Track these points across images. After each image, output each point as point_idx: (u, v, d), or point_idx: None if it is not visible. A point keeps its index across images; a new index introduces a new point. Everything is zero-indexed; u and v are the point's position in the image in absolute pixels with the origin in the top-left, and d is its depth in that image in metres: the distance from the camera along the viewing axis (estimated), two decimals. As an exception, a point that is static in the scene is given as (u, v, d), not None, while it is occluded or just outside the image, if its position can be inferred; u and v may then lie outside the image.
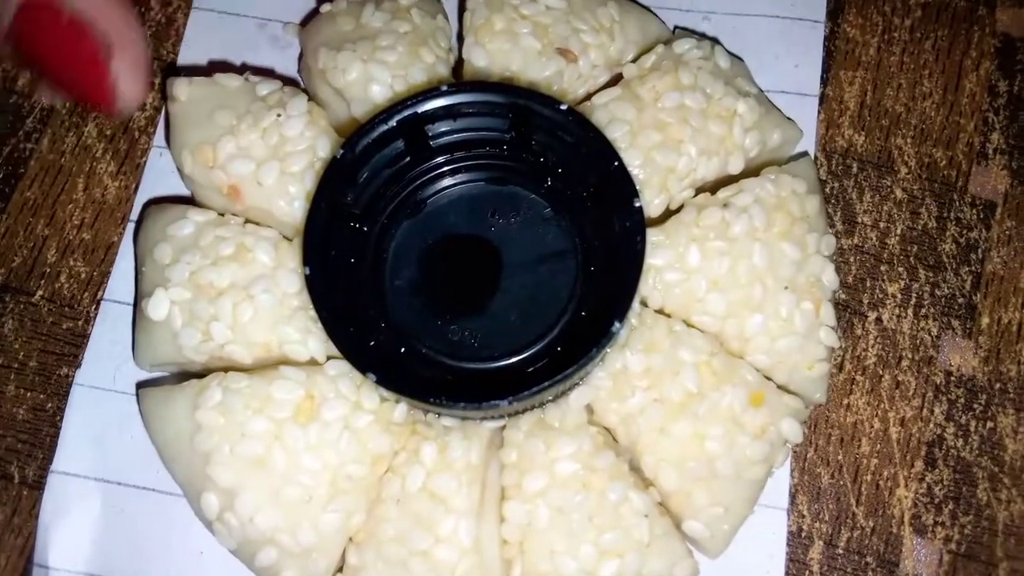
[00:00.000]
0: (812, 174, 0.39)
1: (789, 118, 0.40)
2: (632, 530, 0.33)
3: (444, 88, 0.35)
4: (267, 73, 0.42)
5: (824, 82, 0.43)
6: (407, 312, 0.35)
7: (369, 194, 0.36)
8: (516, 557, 0.33)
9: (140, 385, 0.38)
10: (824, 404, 0.38)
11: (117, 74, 0.33)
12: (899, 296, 0.40)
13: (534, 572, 0.33)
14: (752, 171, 0.38)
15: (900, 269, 0.41)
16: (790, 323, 0.35)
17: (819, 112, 0.42)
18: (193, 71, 0.41)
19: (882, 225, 0.41)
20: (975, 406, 0.39)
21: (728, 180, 0.38)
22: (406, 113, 0.34)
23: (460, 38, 0.41)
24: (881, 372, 0.39)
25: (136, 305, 0.37)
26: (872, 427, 0.39)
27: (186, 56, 0.43)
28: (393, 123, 0.35)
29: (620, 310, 0.32)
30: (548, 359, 0.34)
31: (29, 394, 0.39)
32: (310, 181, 0.36)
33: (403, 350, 0.35)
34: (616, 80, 0.39)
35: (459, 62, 0.40)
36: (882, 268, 0.41)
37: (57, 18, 0.32)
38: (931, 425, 0.39)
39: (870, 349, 0.40)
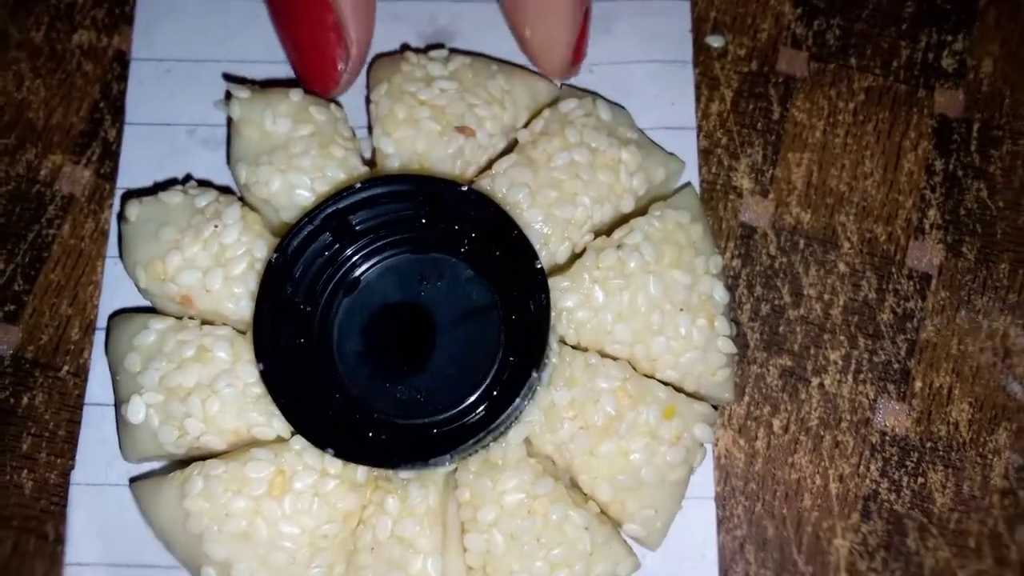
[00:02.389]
0: (694, 203, 0.44)
1: (671, 153, 0.45)
2: (576, 543, 0.38)
3: (359, 186, 0.39)
4: (205, 183, 0.46)
5: (774, 163, 0.47)
6: (358, 380, 0.40)
7: (307, 282, 0.40)
8: None
9: (132, 480, 0.42)
10: (734, 402, 0.44)
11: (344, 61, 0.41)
12: (840, 363, 0.44)
13: None
14: (644, 207, 0.43)
15: (842, 337, 0.45)
16: (689, 339, 0.40)
17: (769, 193, 0.46)
18: (142, 192, 0.45)
19: (826, 297, 0.45)
20: (907, 463, 0.43)
21: (624, 218, 0.42)
22: (328, 211, 0.39)
23: (370, 127, 0.45)
24: (823, 433, 0.44)
25: (116, 407, 0.42)
26: (814, 483, 0.43)
27: (126, 168, 0.47)
28: (318, 222, 0.39)
29: (535, 361, 0.37)
30: (487, 403, 0.39)
31: (59, 460, 0.44)
32: (252, 281, 0.40)
33: (357, 416, 0.39)
34: (513, 144, 0.44)
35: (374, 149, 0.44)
36: (825, 337, 0.45)
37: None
38: (867, 481, 0.43)
39: (813, 412, 0.44)
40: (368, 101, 0.45)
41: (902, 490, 0.43)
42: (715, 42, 0.48)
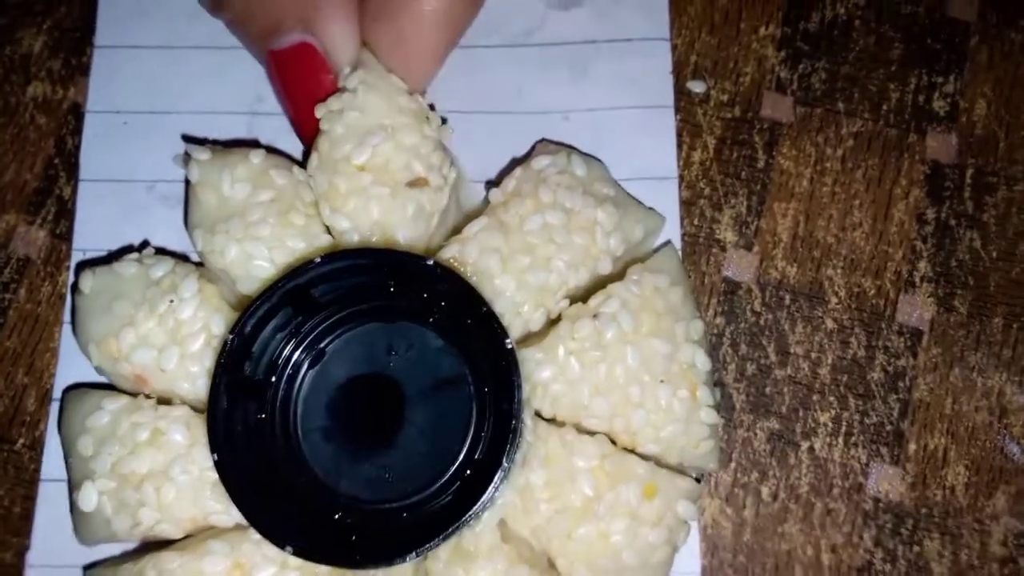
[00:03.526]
0: (674, 264, 0.41)
1: (650, 208, 0.43)
2: None
3: (318, 260, 0.37)
4: (162, 250, 0.44)
5: (759, 214, 0.45)
6: (322, 459, 0.38)
7: (268, 358, 0.38)
8: None
9: (86, 568, 0.40)
10: (719, 471, 0.42)
11: None
12: (830, 425, 0.43)
13: None
14: (622, 268, 0.41)
15: (831, 398, 0.43)
16: (671, 412, 0.38)
17: (754, 246, 0.44)
18: (97, 260, 0.43)
19: (813, 355, 0.43)
20: (902, 531, 0.41)
21: (602, 280, 0.40)
22: (288, 287, 0.37)
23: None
24: (813, 500, 0.42)
25: (69, 490, 0.39)
26: (805, 554, 0.41)
27: (83, 228, 0.45)
28: (275, 299, 0.37)
29: (508, 450, 0.36)
30: (459, 485, 0.37)
31: (15, 539, 0.42)
32: (208, 359, 0.38)
33: (321, 501, 0.37)
34: (485, 203, 0.42)
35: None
36: (814, 398, 0.43)
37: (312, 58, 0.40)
38: (860, 551, 0.41)
39: (803, 478, 0.42)
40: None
41: (897, 560, 0.41)
42: (697, 87, 0.46)
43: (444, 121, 0.42)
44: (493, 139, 0.45)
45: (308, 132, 0.42)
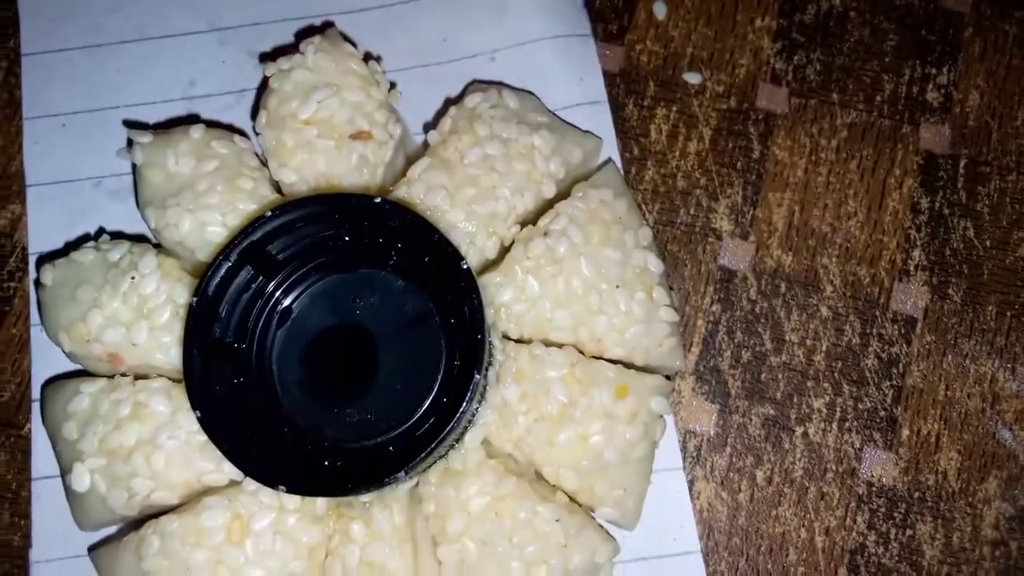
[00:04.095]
0: (616, 178, 0.43)
1: (587, 131, 0.44)
2: (548, 537, 0.37)
3: (270, 214, 0.38)
4: (118, 235, 0.44)
5: (755, 204, 0.46)
6: (305, 411, 0.39)
7: (236, 320, 0.39)
8: None
9: (90, 548, 0.41)
10: (682, 371, 0.43)
11: None
12: (824, 411, 0.43)
13: None
14: (567, 189, 0.42)
15: (825, 385, 0.43)
16: (631, 314, 0.40)
17: (750, 235, 0.45)
18: (54, 254, 0.44)
19: (808, 342, 0.44)
20: (895, 515, 0.42)
21: (548, 203, 0.42)
22: (243, 245, 0.38)
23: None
24: (807, 484, 0.42)
25: (62, 477, 0.40)
26: (799, 537, 0.42)
27: (37, 234, 0.45)
28: (234, 258, 0.38)
29: (477, 363, 0.36)
30: (438, 412, 0.37)
31: (23, 522, 0.43)
32: (178, 328, 0.39)
33: (309, 447, 0.38)
34: (424, 146, 0.43)
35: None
36: (808, 384, 0.43)
37: None
38: (854, 534, 0.42)
39: (797, 462, 0.43)
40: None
41: (890, 543, 0.42)
42: (692, 79, 0.47)
43: (393, 86, 0.44)
44: (428, 91, 0.47)
45: None
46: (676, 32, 0.48)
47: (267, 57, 0.47)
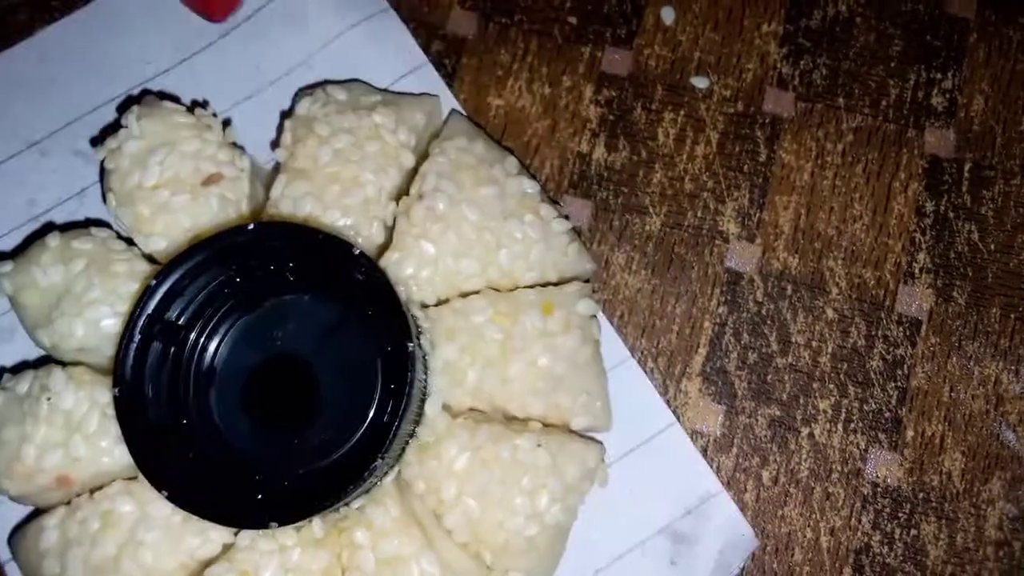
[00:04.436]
0: (464, 125, 0.45)
1: (421, 93, 0.46)
2: (536, 463, 0.38)
3: (154, 283, 0.37)
4: (19, 367, 0.43)
5: (761, 207, 0.46)
6: (268, 452, 0.38)
7: (165, 398, 0.37)
8: (478, 547, 0.38)
9: None
10: (596, 270, 0.45)
11: None
12: (830, 412, 0.44)
13: (499, 546, 0.38)
14: (425, 151, 0.43)
15: (831, 386, 0.44)
16: (528, 238, 0.41)
17: (756, 237, 0.46)
18: None
19: (814, 344, 0.44)
20: (900, 515, 0.42)
21: (414, 171, 0.43)
22: (140, 321, 0.37)
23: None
24: (813, 485, 0.43)
25: None
26: (804, 537, 0.42)
27: None
28: (138, 336, 0.37)
29: (406, 334, 0.36)
30: (391, 396, 0.37)
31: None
32: (113, 427, 0.38)
33: (286, 483, 0.37)
34: (277, 168, 0.44)
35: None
36: (814, 386, 0.44)
37: None
38: (859, 534, 0.42)
39: (803, 463, 0.43)
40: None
41: (895, 543, 0.42)
42: (700, 83, 0.48)
43: (227, 123, 0.45)
44: (263, 118, 0.47)
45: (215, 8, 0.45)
46: (684, 37, 0.48)
47: (97, 142, 0.46)
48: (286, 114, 0.46)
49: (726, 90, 0.48)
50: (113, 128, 0.43)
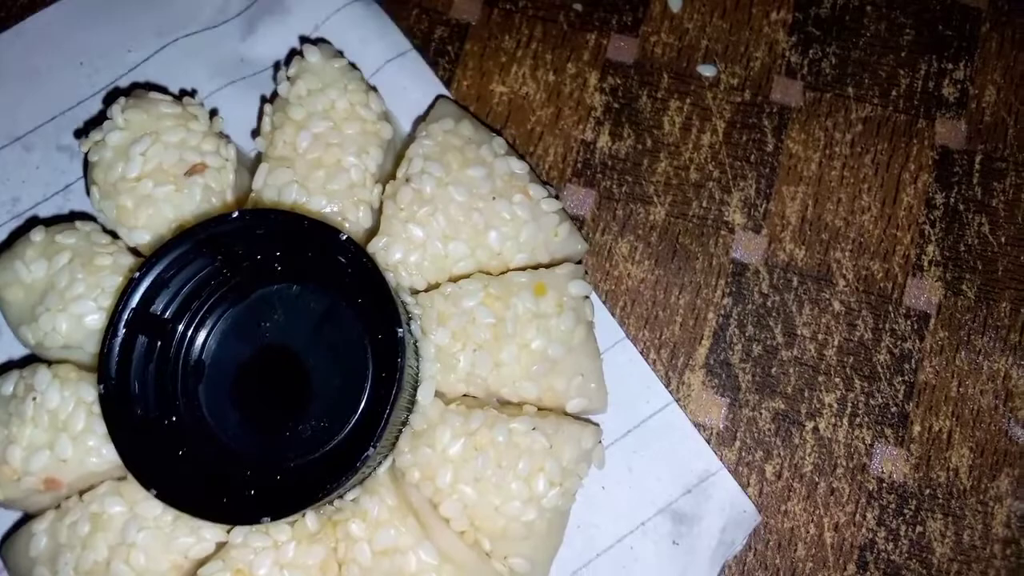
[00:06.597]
0: (451, 108, 0.44)
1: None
2: (532, 447, 0.37)
3: (137, 275, 0.36)
4: (2, 368, 0.43)
5: (768, 197, 0.45)
6: (259, 445, 0.38)
7: (153, 395, 0.37)
8: (476, 534, 0.38)
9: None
10: (588, 249, 0.43)
11: None
12: (835, 406, 0.43)
13: (497, 532, 0.37)
14: (411, 135, 0.43)
15: (837, 379, 0.43)
16: (516, 218, 0.40)
17: (762, 228, 0.45)
18: None
19: (820, 337, 0.44)
20: (905, 511, 0.42)
21: (401, 153, 0.42)
22: (126, 316, 0.36)
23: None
24: (817, 480, 0.42)
25: None
26: (808, 532, 0.42)
27: None
28: (123, 331, 0.36)
29: (395, 320, 0.35)
30: (382, 384, 0.36)
31: None
32: (99, 425, 0.37)
33: (277, 476, 0.37)
34: (259, 156, 0.43)
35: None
36: (820, 379, 0.43)
37: None
38: (863, 530, 0.42)
39: (807, 457, 0.42)
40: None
41: (900, 540, 0.41)
42: (707, 71, 0.47)
43: (214, 112, 0.44)
44: (246, 108, 0.46)
45: None
46: (691, 24, 0.48)
47: (81, 134, 0.46)
48: (268, 100, 0.45)
49: (733, 79, 0.47)
50: (98, 121, 0.43)
